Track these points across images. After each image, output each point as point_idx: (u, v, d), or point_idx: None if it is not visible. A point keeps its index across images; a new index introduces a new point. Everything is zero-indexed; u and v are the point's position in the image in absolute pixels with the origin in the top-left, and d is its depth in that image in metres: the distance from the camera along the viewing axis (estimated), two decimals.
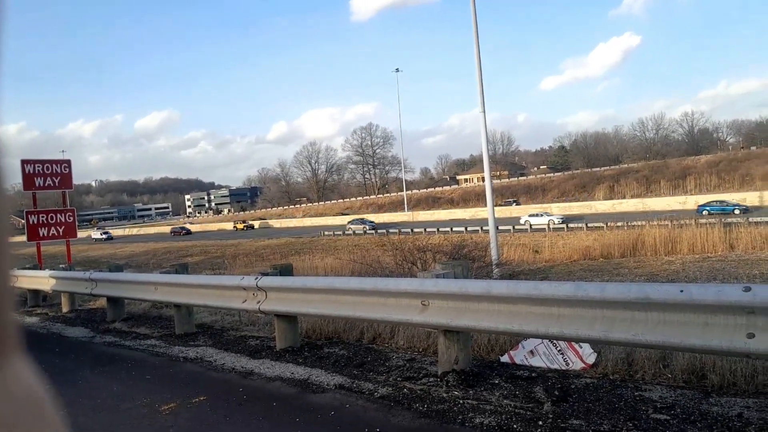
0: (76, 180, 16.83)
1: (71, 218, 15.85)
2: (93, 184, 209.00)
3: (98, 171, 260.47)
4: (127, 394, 5.44)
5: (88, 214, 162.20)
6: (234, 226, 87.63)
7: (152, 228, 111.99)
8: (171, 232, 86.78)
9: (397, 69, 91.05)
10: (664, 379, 4.60)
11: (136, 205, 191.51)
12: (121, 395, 5.43)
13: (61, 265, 13.45)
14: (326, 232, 59.24)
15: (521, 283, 4.99)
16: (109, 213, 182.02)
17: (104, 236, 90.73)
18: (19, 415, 0.46)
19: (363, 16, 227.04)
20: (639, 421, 3.77)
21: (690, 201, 57.83)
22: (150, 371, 6.34)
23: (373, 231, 55.30)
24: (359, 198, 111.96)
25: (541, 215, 53.58)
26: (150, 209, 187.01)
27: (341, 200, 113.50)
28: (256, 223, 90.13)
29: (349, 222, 69.36)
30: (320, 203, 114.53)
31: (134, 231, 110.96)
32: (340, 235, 56.23)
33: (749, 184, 65.82)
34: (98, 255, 49.15)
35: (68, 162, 15.86)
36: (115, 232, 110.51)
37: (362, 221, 67.77)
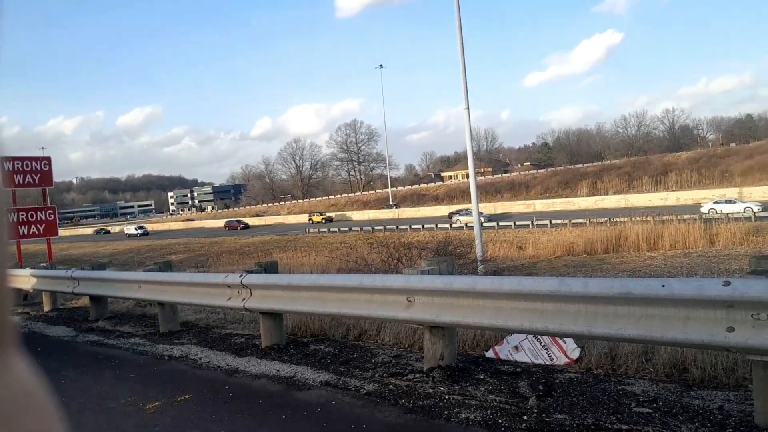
0: (57, 177, 16.61)
1: (52, 216, 15.63)
2: (74, 181, 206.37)
3: (79, 168, 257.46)
4: (112, 393, 5.40)
5: (69, 212, 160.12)
6: (309, 219, 78.03)
7: (196, 222, 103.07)
8: (225, 227, 79.73)
9: (380, 65, 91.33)
10: (646, 373, 4.66)
11: (118, 202, 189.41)
12: (105, 394, 5.38)
13: (42, 264, 13.27)
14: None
15: (505, 278, 5.02)
16: (90, 211, 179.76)
17: (139, 231, 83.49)
18: (17, 411, 0.46)
19: (348, 12, 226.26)
20: (622, 414, 3.83)
21: (672, 197, 58.59)
22: (134, 370, 6.28)
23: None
24: (344, 195, 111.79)
25: (734, 201, 42.59)
26: (132, 207, 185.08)
27: (326, 197, 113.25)
28: (334, 215, 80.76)
29: (453, 213, 58.63)
30: (305, 200, 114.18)
31: (174, 225, 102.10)
32: (346, 231, 53.93)
33: (729, 180, 66.86)
34: (80, 253, 48.56)
35: (48, 159, 15.63)
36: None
37: (466, 212, 55.05)
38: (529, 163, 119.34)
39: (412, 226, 45.69)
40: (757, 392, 3.41)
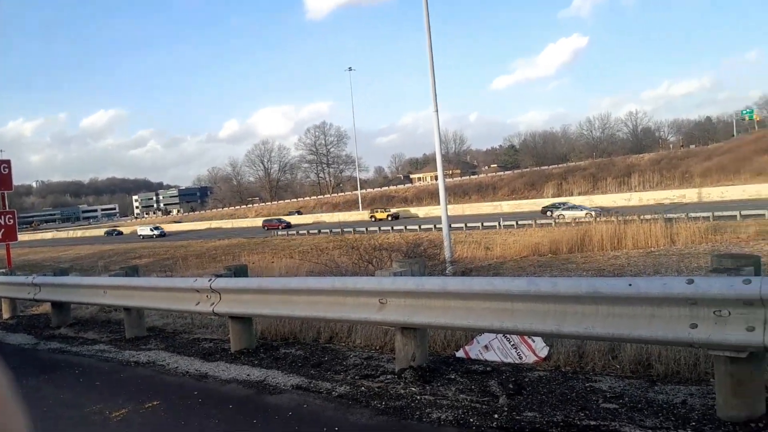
0: (16, 181, 16.06)
1: (11, 221, 15.13)
2: (34, 184, 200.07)
3: (40, 171, 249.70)
4: (76, 401, 5.26)
5: (29, 216, 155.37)
6: (371, 216, 68.37)
7: (213, 222, 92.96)
8: (264, 226, 72.20)
9: (350, 68, 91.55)
10: (613, 369, 4.76)
11: (80, 206, 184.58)
12: (69, 403, 5.24)
13: (1, 270, 12.84)
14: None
15: (476, 279, 5.07)
16: (51, 215, 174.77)
17: (155, 232, 75.76)
18: None
19: (318, 14, 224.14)
20: (590, 411, 3.90)
21: (635, 197, 60.01)
22: (99, 377, 6.14)
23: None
24: (313, 197, 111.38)
25: None
26: (96, 210, 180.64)
27: (295, 200, 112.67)
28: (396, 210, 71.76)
29: (548, 207, 52.74)
30: (273, 203, 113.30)
31: (192, 225, 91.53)
32: (315, 233, 52.67)
33: (689, 181, 68.83)
34: (40, 258, 47.18)
35: (8, 162, 15.12)
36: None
37: (568, 206, 50.87)
38: (496, 165, 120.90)
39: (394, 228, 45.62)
40: (719, 386, 3.51)
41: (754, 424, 3.32)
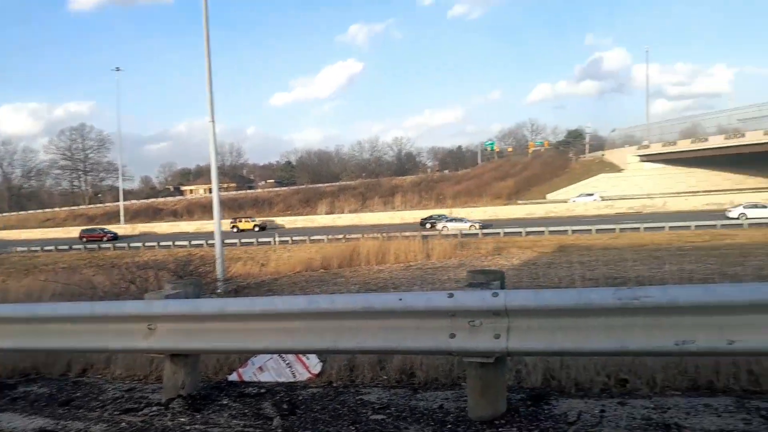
0: None
1: None
2: None
3: None
4: None
5: None
6: (233, 226, 61.66)
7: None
8: (81, 237, 59.74)
9: (117, 68, 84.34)
10: (381, 380, 5.03)
11: None
12: None
13: None
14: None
15: (258, 299, 4.96)
16: None
17: None
18: None
19: (84, 5, 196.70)
20: (360, 424, 4.05)
21: (397, 216, 65.27)
22: None
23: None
24: (65, 208, 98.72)
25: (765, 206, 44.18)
26: None
27: (41, 210, 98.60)
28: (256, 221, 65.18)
29: (427, 219, 51.78)
30: (12, 213, 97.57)
31: None
32: (66, 249, 46.05)
33: (442, 202, 77.40)
34: None
35: None
36: None
37: (449, 218, 50.00)
38: (273, 181, 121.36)
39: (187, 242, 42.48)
40: (470, 390, 3.94)
41: (497, 421, 3.80)
